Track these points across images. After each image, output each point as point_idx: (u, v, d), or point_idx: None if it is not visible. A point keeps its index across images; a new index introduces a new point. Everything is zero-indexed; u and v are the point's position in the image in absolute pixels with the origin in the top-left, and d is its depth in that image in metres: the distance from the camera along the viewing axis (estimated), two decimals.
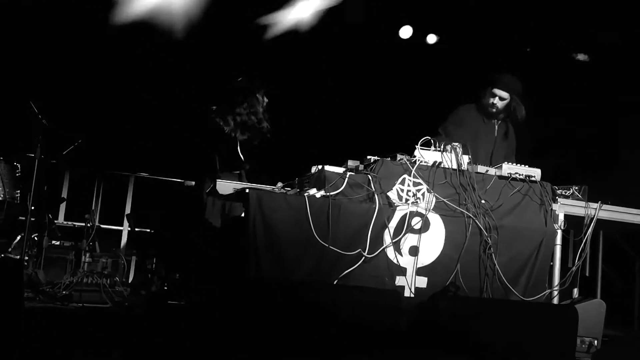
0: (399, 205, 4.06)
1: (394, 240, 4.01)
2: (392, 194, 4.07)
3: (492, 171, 4.37)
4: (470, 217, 4.15)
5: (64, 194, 7.31)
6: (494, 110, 4.90)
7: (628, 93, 6.41)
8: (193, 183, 4.85)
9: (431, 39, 8.24)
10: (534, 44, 7.50)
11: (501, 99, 4.87)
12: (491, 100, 4.88)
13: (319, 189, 3.97)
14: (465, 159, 4.28)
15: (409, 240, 4.06)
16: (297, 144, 5.70)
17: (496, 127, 5.01)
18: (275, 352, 3.07)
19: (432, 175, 4.17)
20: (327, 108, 7.92)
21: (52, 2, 6.94)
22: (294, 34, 7.79)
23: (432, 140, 4.29)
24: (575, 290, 4.59)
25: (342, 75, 7.99)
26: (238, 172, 5.26)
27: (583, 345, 4.23)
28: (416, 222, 4.07)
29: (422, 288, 4.05)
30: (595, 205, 4.49)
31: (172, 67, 7.44)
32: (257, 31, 7.62)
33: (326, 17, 7.85)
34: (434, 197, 4.13)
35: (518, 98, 4.89)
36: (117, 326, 4.15)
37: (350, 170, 4.18)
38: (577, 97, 6.81)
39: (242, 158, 5.18)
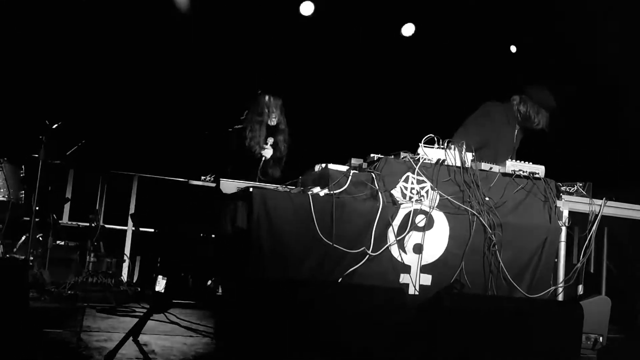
0: (402, 203, 4.06)
1: (398, 238, 4.01)
2: (396, 192, 4.07)
3: (495, 168, 4.36)
4: (474, 214, 4.15)
5: (69, 194, 7.32)
6: (537, 128, 5.00)
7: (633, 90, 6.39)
8: (198, 182, 4.85)
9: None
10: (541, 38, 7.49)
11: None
12: (542, 122, 4.97)
13: (322, 188, 3.97)
14: (469, 156, 4.27)
15: (413, 238, 4.06)
16: (301, 142, 5.71)
17: (515, 132, 5.06)
18: (279, 350, 3.07)
19: (436, 172, 4.17)
20: (331, 106, 7.92)
21: (55, 2, 6.96)
22: (297, 32, 7.80)
23: (438, 139, 4.29)
24: (580, 287, 4.59)
25: (345, 73, 7.98)
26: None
27: (588, 342, 4.22)
28: (420, 220, 4.07)
29: (426, 286, 4.05)
30: (599, 201, 4.48)
31: (176, 67, 7.45)
32: (261, 30, 7.63)
33: (330, 15, 7.85)
34: (438, 195, 4.13)
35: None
36: (123, 326, 4.15)
37: (354, 168, 4.18)
38: (580, 92, 6.80)
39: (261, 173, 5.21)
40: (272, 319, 3.16)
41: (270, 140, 5.18)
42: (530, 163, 4.42)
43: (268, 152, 5.20)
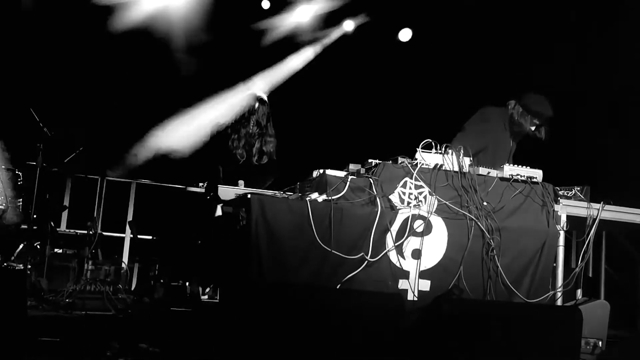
0: (400, 209, 4.05)
1: (396, 244, 4.00)
2: (394, 197, 4.07)
3: (493, 173, 4.36)
4: (472, 219, 4.15)
5: (66, 202, 7.31)
6: (527, 135, 5.02)
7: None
8: (196, 189, 4.85)
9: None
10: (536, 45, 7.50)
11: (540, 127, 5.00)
12: (532, 128, 4.98)
13: (320, 193, 3.97)
14: (467, 161, 4.27)
15: (411, 243, 4.06)
16: (299, 148, 5.71)
17: (511, 137, 5.08)
18: (278, 356, 3.07)
19: (434, 177, 4.17)
20: (328, 112, 7.93)
21: (51, 8, 6.97)
22: (294, 38, 7.82)
23: (436, 143, 4.29)
24: (579, 292, 4.58)
25: (342, 79, 8.00)
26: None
27: (588, 347, 4.22)
28: (418, 225, 4.06)
29: (425, 291, 4.04)
30: (597, 205, 4.47)
31: (174, 74, 7.46)
32: (257, 36, 7.64)
33: (327, 21, 7.88)
34: (436, 200, 4.13)
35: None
36: (122, 333, 4.14)
37: (352, 174, 4.18)
38: (579, 96, 6.81)
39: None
40: (270, 324, 3.15)
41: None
42: (528, 167, 4.42)
43: None
